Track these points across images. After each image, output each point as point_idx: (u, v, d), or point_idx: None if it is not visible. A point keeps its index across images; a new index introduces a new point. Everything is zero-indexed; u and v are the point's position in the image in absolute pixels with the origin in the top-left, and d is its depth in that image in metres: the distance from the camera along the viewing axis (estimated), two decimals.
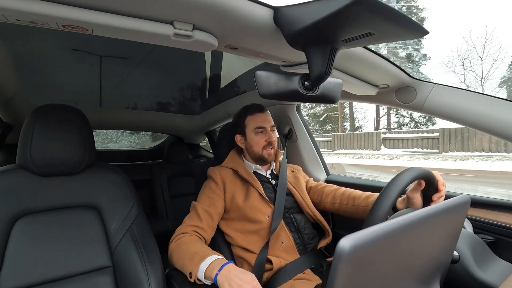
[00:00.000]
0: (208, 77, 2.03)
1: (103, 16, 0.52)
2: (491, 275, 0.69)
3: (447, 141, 10.19)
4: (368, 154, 12.54)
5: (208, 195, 1.05)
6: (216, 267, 0.76)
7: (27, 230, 0.79)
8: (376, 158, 11.62)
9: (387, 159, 11.17)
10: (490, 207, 0.98)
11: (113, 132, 3.36)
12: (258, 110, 1.14)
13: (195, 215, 0.99)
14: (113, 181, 0.95)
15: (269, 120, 1.14)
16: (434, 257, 0.54)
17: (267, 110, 1.16)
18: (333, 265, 0.33)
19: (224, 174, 1.10)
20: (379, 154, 12.06)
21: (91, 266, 0.84)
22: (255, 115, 1.13)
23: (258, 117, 1.12)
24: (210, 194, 1.06)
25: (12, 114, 1.55)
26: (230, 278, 0.72)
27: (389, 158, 11.25)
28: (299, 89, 0.67)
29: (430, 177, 0.79)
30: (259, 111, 1.13)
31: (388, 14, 0.47)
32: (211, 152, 2.91)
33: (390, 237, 0.38)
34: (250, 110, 1.15)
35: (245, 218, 1.02)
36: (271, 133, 1.12)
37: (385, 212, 0.70)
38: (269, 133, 1.11)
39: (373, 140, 13.00)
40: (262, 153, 1.11)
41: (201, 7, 0.53)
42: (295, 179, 1.19)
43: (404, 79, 1.01)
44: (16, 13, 0.47)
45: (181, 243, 0.90)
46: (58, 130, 0.83)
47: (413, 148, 11.41)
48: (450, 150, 10.09)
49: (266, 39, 0.67)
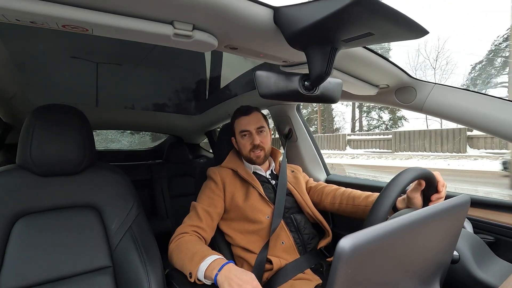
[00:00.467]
0: (208, 77, 2.03)
1: (103, 16, 0.52)
2: (491, 275, 0.69)
3: (398, 142, 12.02)
4: (335, 153, 14.08)
5: (208, 195, 1.05)
6: (216, 267, 0.76)
7: (27, 230, 0.79)
8: (341, 157, 13.36)
9: (349, 158, 13.08)
10: (490, 207, 0.98)
11: (113, 132, 3.36)
12: (242, 113, 1.12)
13: (195, 215, 0.99)
14: (113, 181, 0.95)
15: (254, 122, 1.10)
16: (434, 257, 0.54)
17: (255, 111, 1.13)
18: (333, 265, 0.33)
19: (224, 174, 1.10)
20: (344, 153, 13.87)
21: (91, 266, 0.84)
22: (240, 118, 1.12)
23: (242, 120, 1.11)
24: (210, 194, 1.05)
25: (12, 114, 1.55)
26: (230, 278, 0.72)
27: (351, 157, 13.12)
28: (299, 89, 0.67)
29: (431, 177, 0.79)
30: (243, 114, 1.12)
31: (388, 14, 0.47)
32: (211, 152, 2.91)
33: (390, 237, 0.38)
34: (236, 114, 1.15)
35: (245, 218, 1.02)
36: (256, 135, 1.09)
37: (385, 212, 0.70)
38: (254, 136, 1.09)
39: (339, 141, 14.65)
40: (250, 155, 1.10)
41: (201, 7, 0.53)
42: (295, 179, 1.19)
43: (404, 79, 1.01)
44: (16, 13, 0.47)
45: (181, 243, 0.89)
46: (58, 130, 0.83)
47: (372, 148, 13.32)
48: (400, 150, 11.89)
49: (266, 39, 0.67)
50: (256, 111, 1.14)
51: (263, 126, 1.12)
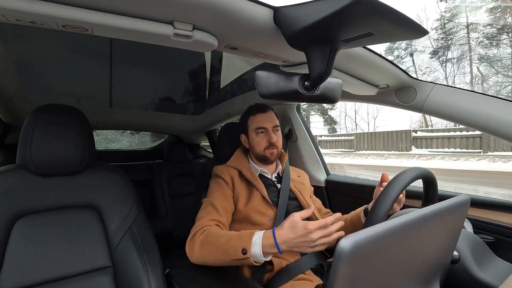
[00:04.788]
0: (208, 77, 2.03)
1: (103, 16, 0.52)
2: (491, 275, 0.70)
3: (360, 142, 13.65)
4: None
5: (222, 192, 1.03)
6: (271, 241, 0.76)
7: (27, 230, 0.79)
8: None
9: None
10: (490, 207, 0.98)
11: (113, 132, 3.36)
12: (259, 110, 1.12)
13: (214, 210, 0.96)
14: (113, 181, 0.95)
15: (271, 120, 1.11)
16: (434, 257, 0.54)
17: (270, 109, 1.13)
18: (333, 265, 0.33)
19: (232, 173, 1.08)
20: None
21: (91, 266, 0.84)
22: (257, 115, 1.11)
23: (259, 117, 1.11)
24: (223, 191, 1.03)
25: (12, 114, 1.54)
26: (291, 243, 0.74)
27: None
28: (299, 89, 0.67)
29: (430, 177, 0.79)
30: (260, 111, 1.11)
31: (388, 14, 0.47)
32: (211, 152, 2.91)
33: (390, 237, 0.39)
34: (252, 110, 1.13)
35: (247, 220, 1.01)
36: (272, 133, 1.09)
37: (385, 212, 0.70)
38: (270, 134, 1.09)
39: None
40: (264, 152, 1.09)
41: (201, 7, 0.53)
42: (301, 185, 1.17)
43: (404, 79, 1.01)
44: (16, 13, 0.47)
45: (211, 232, 0.86)
46: (58, 130, 0.83)
47: (337, 148, 15.28)
48: (361, 149, 13.49)
49: (266, 39, 0.67)
50: (271, 110, 1.14)
51: (278, 125, 1.12)
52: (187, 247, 0.88)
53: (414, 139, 11.31)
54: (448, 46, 16.45)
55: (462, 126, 13.38)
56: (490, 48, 14.76)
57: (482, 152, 9.43)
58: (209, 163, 1.27)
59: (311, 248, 0.74)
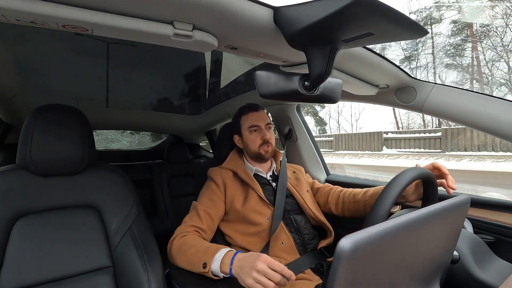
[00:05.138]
0: (208, 77, 2.03)
1: (103, 16, 0.52)
2: (491, 275, 0.69)
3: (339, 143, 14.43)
4: None
5: (210, 196, 1.05)
6: (227, 262, 0.77)
7: (27, 230, 0.79)
8: None
9: None
10: (490, 207, 0.98)
11: (113, 132, 3.36)
12: (252, 109, 1.15)
13: (196, 216, 0.99)
14: (113, 181, 0.95)
15: (263, 118, 1.14)
16: (434, 257, 0.54)
17: (262, 109, 1.17)
18: (333, 265, 0.33)
19: (225, 175, 1.10)
20: None
21: (91, 266, 0.84)
22: (249, 114, 1.14)
23: (252, 116, 1.13)
24: (212, 195, 1.05)
25: (12, 114, 1.54)
26: (242, 266, 0.74)
27: None
28: (299, 89, 0.67)
29: (430, 177, 0.79)
30: (253, 110, 1.14)
31: (388, 14, 0.47)
32: (211, 152, 2.91)
33: (390, 237, 0.39)
34: (244, 110, 1.16)
35: (245, 220, 1.02)
36: (266, 131, 1.12)
37: (386, 212, 0.70)
38: (264, 131, 1.11)
39: None
40: (259, 150, 1.11)
41: (201, 7, 0.53)
42: (297, 181, 1.18)
43: (404, 79, 1.01)
44: (16, 13, 0.47)
45: (187, 240, 0.90)
46: (58, 130, 0.83)
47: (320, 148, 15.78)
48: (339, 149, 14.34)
49: (266, 39, 0.67)
50: (263, 110, 1.17)
51: (271, 123, 1.15)
52: (168, 246, 0.93)
53: (385, 140, 12.09)
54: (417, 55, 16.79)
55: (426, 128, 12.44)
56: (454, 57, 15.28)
57: (441, 152, 10.23)
58: (209, 163, 1.27)
59: (249, 277, 0.69)
